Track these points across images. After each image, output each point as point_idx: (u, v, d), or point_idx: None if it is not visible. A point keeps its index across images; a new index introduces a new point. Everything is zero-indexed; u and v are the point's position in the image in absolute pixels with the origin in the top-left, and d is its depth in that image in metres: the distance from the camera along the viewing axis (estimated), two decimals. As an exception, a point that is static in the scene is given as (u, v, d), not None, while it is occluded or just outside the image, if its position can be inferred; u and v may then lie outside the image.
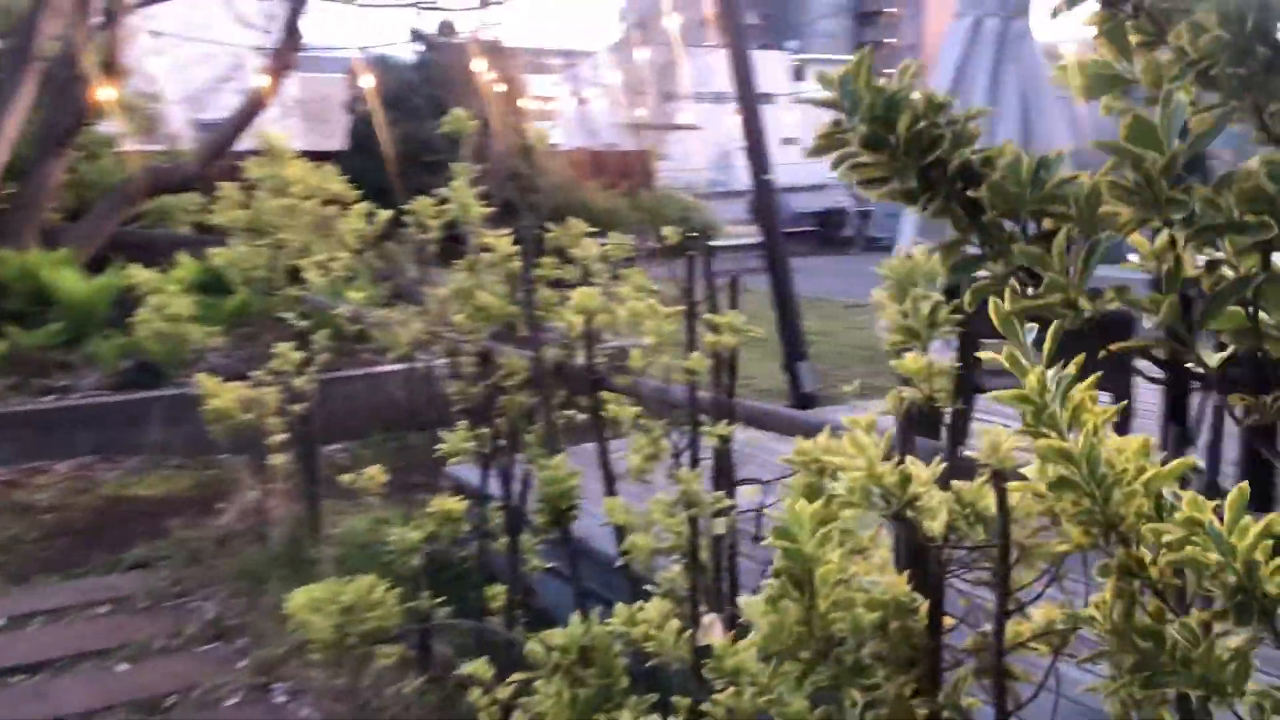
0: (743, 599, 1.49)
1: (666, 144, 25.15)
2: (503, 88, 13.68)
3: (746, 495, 2.16)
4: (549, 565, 3.25)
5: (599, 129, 21.89)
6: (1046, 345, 1.26)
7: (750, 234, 16.42)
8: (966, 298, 1.10)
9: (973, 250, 1.09)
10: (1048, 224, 0.90)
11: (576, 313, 2.10)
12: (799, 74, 45.81)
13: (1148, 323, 1.06)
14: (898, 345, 1.56)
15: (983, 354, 1.32)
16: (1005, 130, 4.57)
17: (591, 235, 2.85)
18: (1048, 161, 0.88)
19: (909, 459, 1.30)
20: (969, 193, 0.92)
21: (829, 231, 19.87)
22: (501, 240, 2.64)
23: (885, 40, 67.71)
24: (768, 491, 2.13)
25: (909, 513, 1.26)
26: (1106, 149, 0.86)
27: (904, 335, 1.56)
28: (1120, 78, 1.06)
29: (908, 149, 0.92)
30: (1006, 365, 1.24)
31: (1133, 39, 1.02)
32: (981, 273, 1.00)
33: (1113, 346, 1.03)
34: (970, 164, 0.90)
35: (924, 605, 1.52)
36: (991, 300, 1.28)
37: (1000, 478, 1.36)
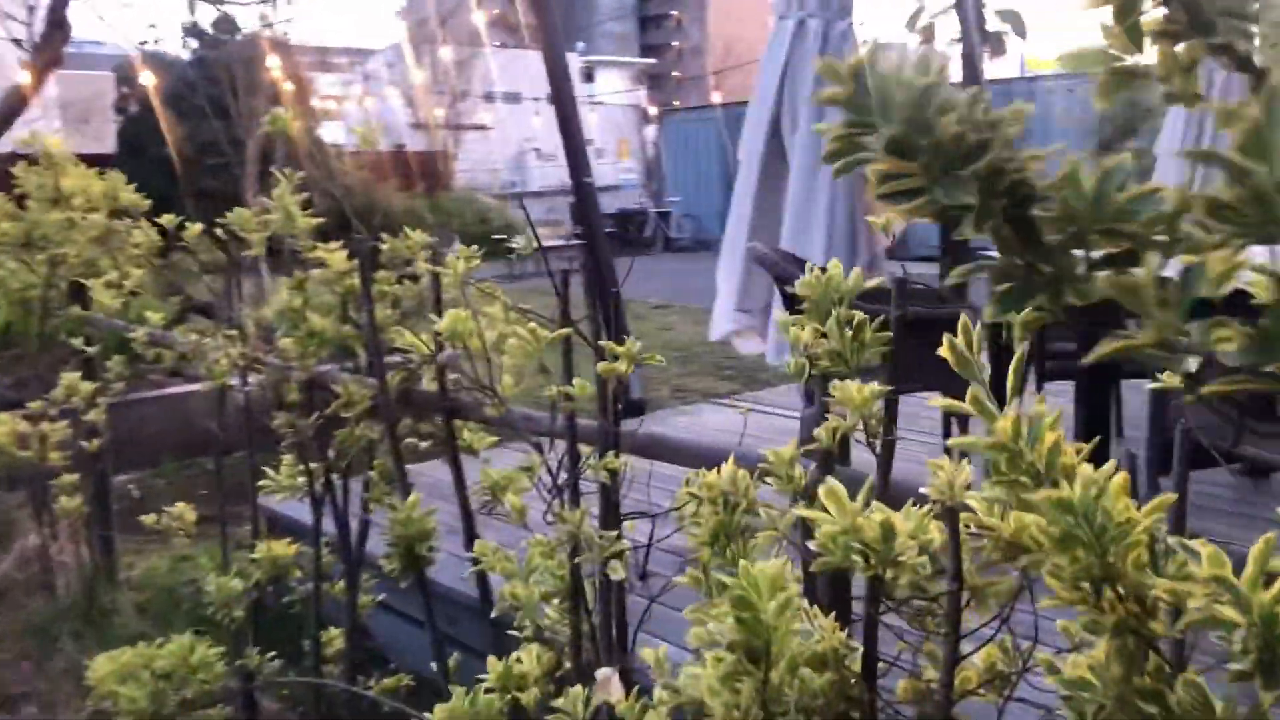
0: (684, 674, 1.31)
1: (460, 145, 24.71)
2: (289, 86, 13.02)
3: (628, 529, 1.98)
4: (380, 599, 2.98)
5: (390, 129, 21.26)
6: (1010, 382, 1.13)
7: (552, 236, 16.25)
8: (1016, 331, 0.94)
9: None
10: (1103, 246, 0.75)
11: (447, 337, 1.87)
12: (589, 75, 45.94)
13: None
14: (822, 370, 1.41)
15: (938, 400, 1.18)
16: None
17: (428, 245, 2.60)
18: (1114, 171, 0.73)
19: (878, 506, 1.14)
20: (1019, 209, 0.76)
21: (629, 232, 19.92)
22: (335, 254, 2.36)
23: (671, 43, 68.90)
24: (657, 524, 1.96)
25: (888, 570, 1.10)
26: (1200, 159, 0.71)
27: (829, 359, 1.41)
28: (1133, 72, 0.93)
29: (948, 156, 0.75)
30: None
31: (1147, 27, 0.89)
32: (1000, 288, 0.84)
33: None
34: (1025, 177, 0.74)
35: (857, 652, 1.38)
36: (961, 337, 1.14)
37: (953, 516, 1.23)
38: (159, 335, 3.29)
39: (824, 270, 1.50)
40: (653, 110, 22.10)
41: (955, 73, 7.55)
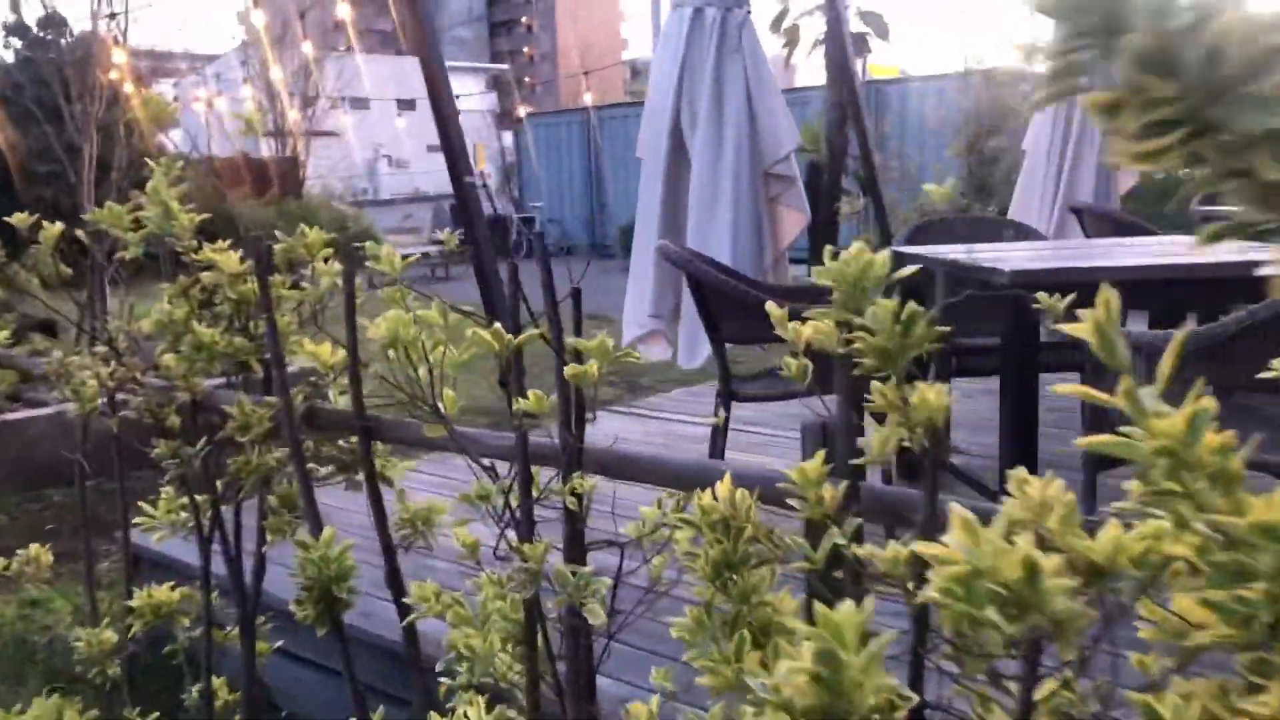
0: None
1: (310, 151, 23.88)
2: (127, 89, 12.22)
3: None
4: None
5: (235, 135, 20.37)
6: (1164, 369, 0.93)
7: (412, 244, 15.75)
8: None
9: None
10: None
11: (387, 344, 1.58)
12: (439, 81, 45.03)
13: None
14: (867, 369, 1.19)
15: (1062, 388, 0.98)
16: (734, 127, 4.39)
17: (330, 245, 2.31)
18: None
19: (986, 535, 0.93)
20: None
21: (493, 238, 19.44)
22: (226, 255, 2.04)
23: (521, 49, 68.51)
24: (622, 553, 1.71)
25: (1037, 620, 0.89)
26: None
27: (872, 355, 1.20)
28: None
29: (1225, 74, 0.54)
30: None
31: None
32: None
33: None
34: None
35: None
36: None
37: (1043, 545, 1.03)
38: (3, 355, 2.88)
39: (836, 254, 1.28)
40: (522, 112, 21.76)
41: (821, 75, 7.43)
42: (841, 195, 7.26)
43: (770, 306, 1.39)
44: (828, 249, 1.31)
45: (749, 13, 4.47)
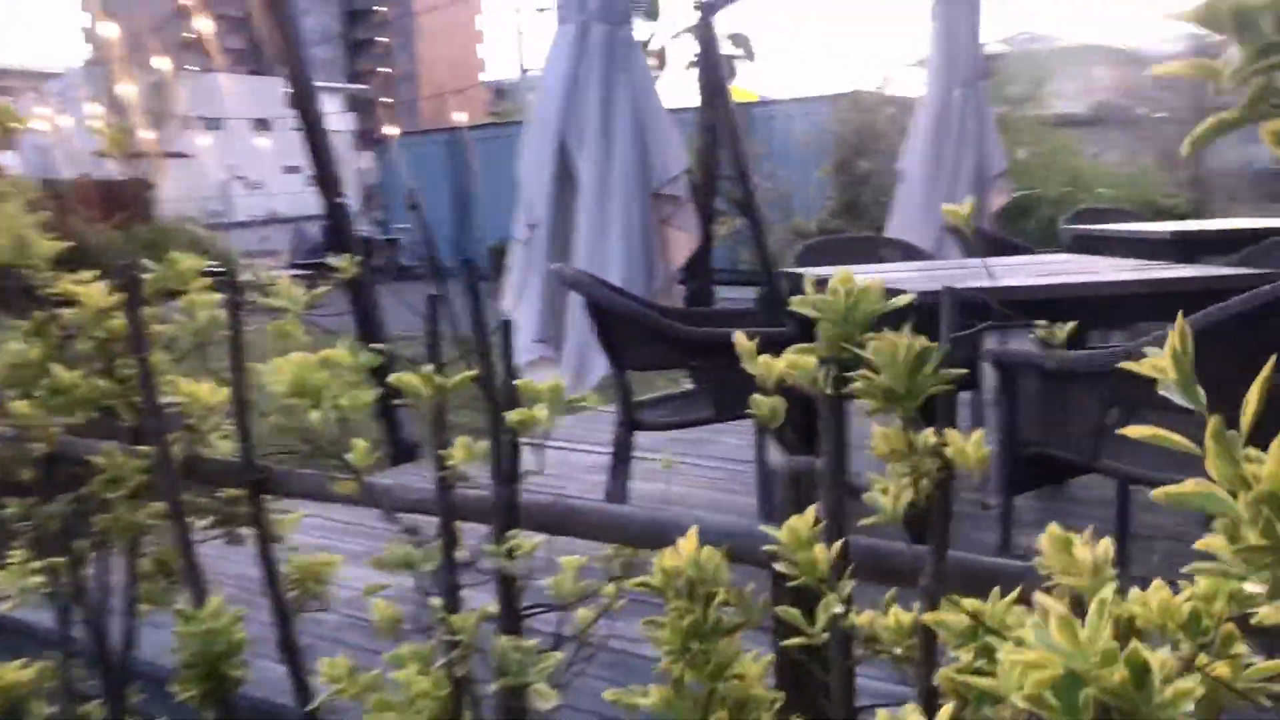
0: None
1: (160, 173, 22.88)
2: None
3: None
4: None
5: (78, 157, 19.37)
6: (1249, 408, 0.81)
7: (272, 267, 15.12)
8: None
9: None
10: None
11: (292, 392, 1.37)
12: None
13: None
14: (875, 409, 1.05)
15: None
16: (623, 146, 4.25)
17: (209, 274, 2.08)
18: None
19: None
20: None
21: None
22: (89, 290, 1.79)
23: (379, 69, 67.44)
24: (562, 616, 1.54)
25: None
26: None
27: (873, 398, 1.06)
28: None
29: None
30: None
31: None
32: None
33: None
34: None
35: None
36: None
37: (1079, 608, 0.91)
38: None
39: (819, 283, 1.14)
40: (391, 131, 21.30)
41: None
42: (716, 216, 7.22)
43: (739, 338, 1.23)
44: (808, 277, 1.17)
45: (636, 29, 4.35)
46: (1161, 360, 0.77)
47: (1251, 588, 0.78)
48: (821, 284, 1.14)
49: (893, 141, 10.32)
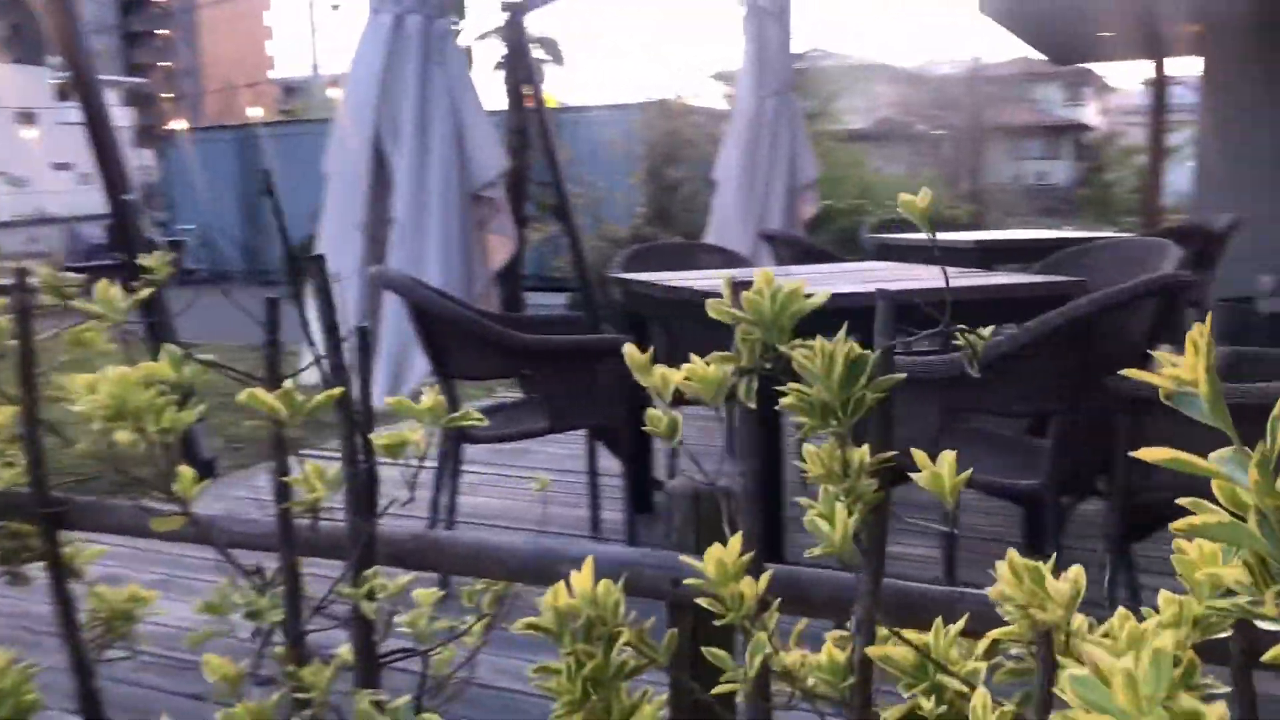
0: None
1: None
2: None
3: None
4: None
5: None
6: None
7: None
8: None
9: None
10: None
11: (112, 415, 1.14)
12: (65, 94, 41.11)
13: None
14: (809, 430, 0.93)
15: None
16: (440, 144, 4.04)
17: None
18: None
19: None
20: None
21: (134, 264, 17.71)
22: None
23: (160, 64, 64.01)
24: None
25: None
26: None
27: (814, 415, 0.94)
28: None
29: None
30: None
31: None
32: None
33: None
34: None
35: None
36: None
37: (1047, 642, 0.84)
38: None
39: (745, 284, 1.02)
40: (179, 126, 20.10)
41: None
42: (527, 221, 7.09)
43: (630, 350, 1.10)
44: (725, 278, 1.05)
45: (452, 23, 4.15)
46: (1182, 370, 0.68)
47: (1267, 626, 0.70)
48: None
49: (702, 150, 10.39)
